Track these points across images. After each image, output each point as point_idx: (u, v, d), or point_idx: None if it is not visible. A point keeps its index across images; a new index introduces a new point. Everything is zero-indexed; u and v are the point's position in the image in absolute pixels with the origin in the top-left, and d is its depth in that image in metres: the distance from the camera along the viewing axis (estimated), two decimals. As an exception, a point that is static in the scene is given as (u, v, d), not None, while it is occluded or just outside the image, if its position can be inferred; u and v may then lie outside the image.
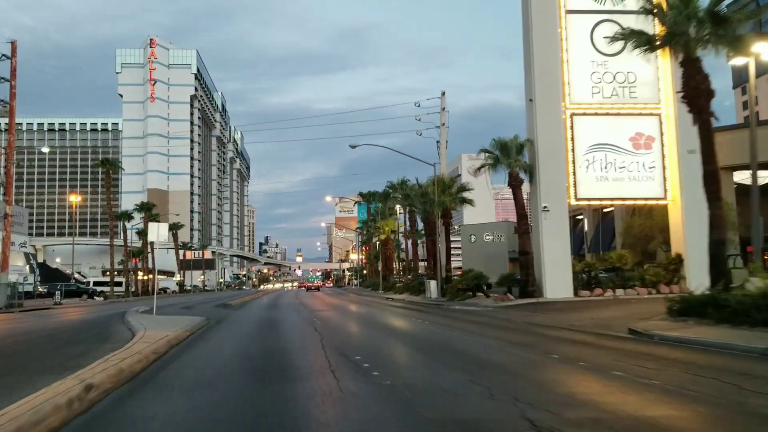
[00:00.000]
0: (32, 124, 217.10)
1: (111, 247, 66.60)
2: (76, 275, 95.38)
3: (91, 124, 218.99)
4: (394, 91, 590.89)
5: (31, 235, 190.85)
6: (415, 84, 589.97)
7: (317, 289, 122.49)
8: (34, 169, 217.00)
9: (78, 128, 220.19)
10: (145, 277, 77.47)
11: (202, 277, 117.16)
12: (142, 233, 77.54)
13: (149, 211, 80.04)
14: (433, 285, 37.80)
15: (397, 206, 54.70)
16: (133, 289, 74.89)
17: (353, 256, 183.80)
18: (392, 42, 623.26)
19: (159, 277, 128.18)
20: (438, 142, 46.12)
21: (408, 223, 48.63)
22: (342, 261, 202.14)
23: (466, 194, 38.63)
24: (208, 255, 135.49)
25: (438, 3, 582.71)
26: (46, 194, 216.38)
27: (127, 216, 73.18)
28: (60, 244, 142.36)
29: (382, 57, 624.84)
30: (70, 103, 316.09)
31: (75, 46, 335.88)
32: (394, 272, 79.10)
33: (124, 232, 73.44)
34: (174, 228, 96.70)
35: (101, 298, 62.11)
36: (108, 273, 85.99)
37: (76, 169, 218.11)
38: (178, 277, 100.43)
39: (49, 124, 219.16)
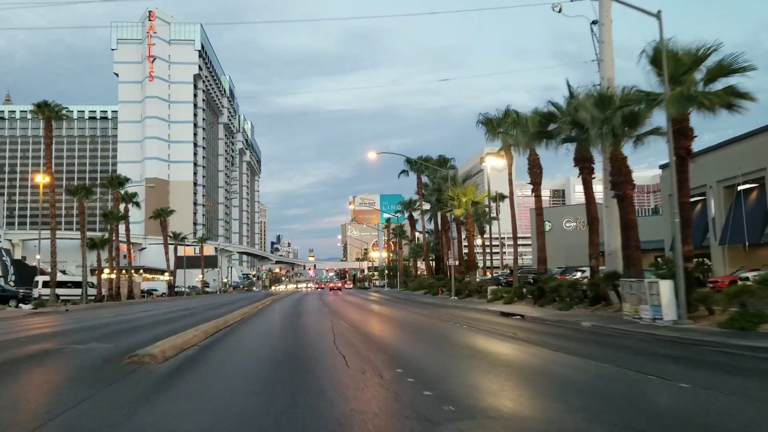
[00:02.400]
0: (26, 112, 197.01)
1: (52, 231, 44.96)
2: (59, 274, 74.70)
3: (90, 111, 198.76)
4: (406, 92, 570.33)
5: (24, 229, 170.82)
6: (428, 85, 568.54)
7: (339, 289, 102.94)
8: (28, 160, 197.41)
9: (75, 116, 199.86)
10: (112, 276, 55.79)
11: (201, 276, 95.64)
12: (109, 216, 55.97)
13: (121, 186, 58.49)
14: (666, 291, 15.69)
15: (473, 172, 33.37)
16: (93, 293, 53.19)
17: (374, 254, 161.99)
18: (404, 43, 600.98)
19: (149, 276, 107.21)
20: (598, 41, 24.15)
21: (532, 177, 26.39)
22: (359, 260, 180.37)
23: (737, 81, 16.32)
24: (210, 251, 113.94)
25: (449, 3, 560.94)
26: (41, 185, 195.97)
27: (85, 190, 51.50)
28: (36, 238, 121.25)
29: (395, 58, 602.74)
30: (84, 104, 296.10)
31: (88, 48, 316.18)
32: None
33: (81, 214, 51.88)
34: (161, 215, 75.28)
35: (30, 306, 40.74)
36: (96, 272, 65.67)
37: (73, 159, 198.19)
38: (167, 276, 78.90)
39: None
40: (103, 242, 54.52)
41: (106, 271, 55.12)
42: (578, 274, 27.69)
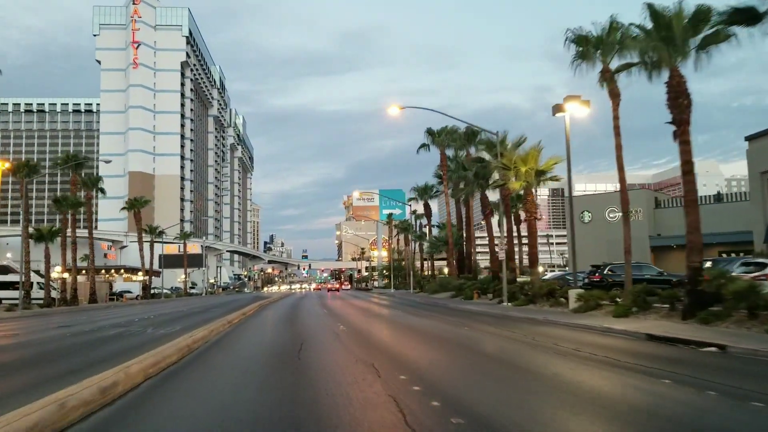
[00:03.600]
0: (6, 104, 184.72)
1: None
2: (31, 274, 64.09)
3: (74, 105, 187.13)
4: (402, 92, 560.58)
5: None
6: (423, 85, 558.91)
7: (336, 290, 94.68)
8: (9, 155, 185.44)
9: (59, 109, 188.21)
10: (66, 275, 44.77)
11: (184, 276, 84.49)
12: (61, 203, 45.10)
13: (79, 166, 47.67)
14: None
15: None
16: (35, 295, 42.30)
17: (373, 253, 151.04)
18: (399, 43, 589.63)
19: (131, 277, 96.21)
20: None
21: (676, 112, 15.82)
22: (355, 259, 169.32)
23: None
24: (195, 249, 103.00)
25: (445, 4, 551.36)
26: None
27: (27, 169, 40.46)
28: (5, 235, 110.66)
29: (390, 58, 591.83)
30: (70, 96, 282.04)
31: (82, 48, 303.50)
32: (468, 266, 46.43)
33: (24, 198, 40.83)
34: (135, 205, 64.45)
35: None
36: (67, 271, 54.88)
37: (56, 155, 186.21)
38: (140, 276, 68.08)
39: (26, 104, 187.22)
40: (52, 234, 43.52)
41: (57, 269, 44.20)
42: (742, 272, 17.11)
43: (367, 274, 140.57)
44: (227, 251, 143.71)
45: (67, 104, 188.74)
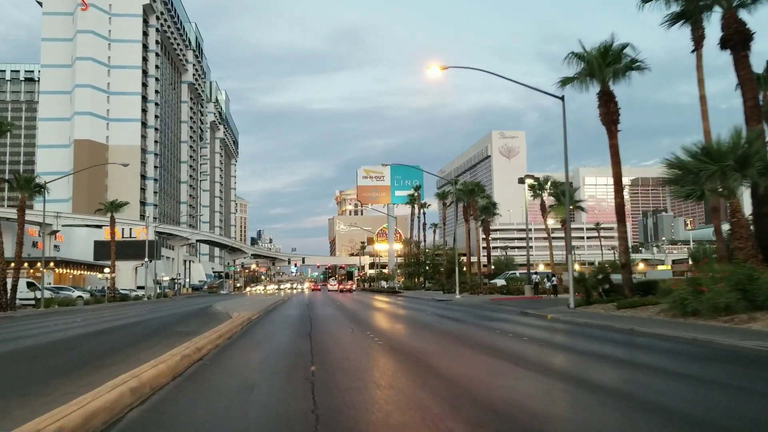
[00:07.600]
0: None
1: None
2: None
3: (26, 71, 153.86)
4: (391, 91, 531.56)
5: None
6: (413, 84, 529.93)
7: (349, 291, 67.09)
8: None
9: (8, 77, 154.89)
10: None
11: (110, 271, 52.35)
12: None
13: None
14: None
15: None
16: None
17: (379, 246, 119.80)
18: (390, 43, 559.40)
19: (72, 272, 64.18)
20: None
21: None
22: (354, 255, 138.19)
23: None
24: (146, 235, 70.78)
25: (436, 4, 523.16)
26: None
27: None
28: None
29: (380, 57, 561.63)
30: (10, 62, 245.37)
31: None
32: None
33: None
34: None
35: None
36: None
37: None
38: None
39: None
40: None
41: None
42: None
43: (373, 272, 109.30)
44: (197, 240, 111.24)
45: (18, 71, 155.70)
